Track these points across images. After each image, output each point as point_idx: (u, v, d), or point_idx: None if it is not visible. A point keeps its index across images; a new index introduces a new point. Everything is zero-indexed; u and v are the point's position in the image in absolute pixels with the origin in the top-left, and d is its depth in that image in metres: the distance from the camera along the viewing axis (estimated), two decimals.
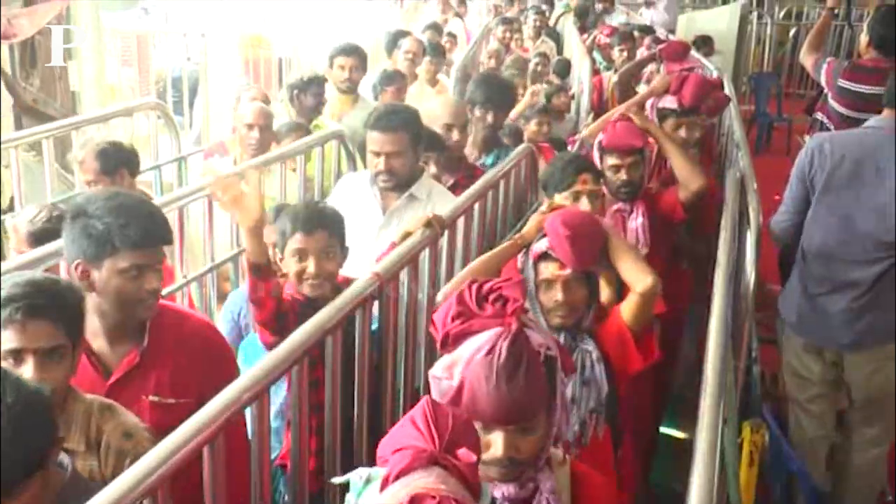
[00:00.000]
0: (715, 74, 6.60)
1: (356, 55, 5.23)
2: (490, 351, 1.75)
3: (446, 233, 3.18)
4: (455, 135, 4.03)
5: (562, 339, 2.53)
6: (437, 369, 1.81)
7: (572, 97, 7.43)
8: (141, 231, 2.26)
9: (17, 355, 1.94)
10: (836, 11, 5.30)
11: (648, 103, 4.54)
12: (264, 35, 11.09)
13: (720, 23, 11.26)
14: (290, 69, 9.84)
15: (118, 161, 3.72)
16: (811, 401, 3.76)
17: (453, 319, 1.92)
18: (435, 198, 3.49)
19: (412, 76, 6.20)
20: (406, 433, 1.55)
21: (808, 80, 10.87)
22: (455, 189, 3.78)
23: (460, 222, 3.35)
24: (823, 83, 4.79)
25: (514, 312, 1.91)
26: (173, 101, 8.03)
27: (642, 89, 5.49)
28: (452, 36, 8.37)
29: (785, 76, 12.67)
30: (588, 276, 2.62)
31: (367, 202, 3.53)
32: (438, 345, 1.89)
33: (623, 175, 3.61)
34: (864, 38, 4.69)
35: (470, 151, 4.36)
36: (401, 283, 2.83)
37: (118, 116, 4.80)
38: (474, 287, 1.99)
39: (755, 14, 13.04)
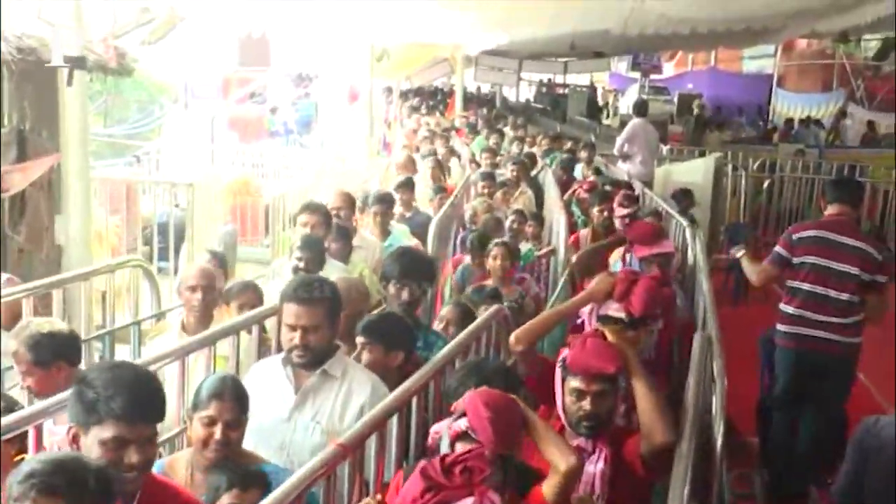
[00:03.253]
0: (686, 229, 6.72)
1: (319, 213, 5.10)
2: None
3: (415, 398, 3.21)
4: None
5: None
6: None
7: (553, 252, 7.53)
8: (126, 404, 2.29)
9: None
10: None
11: (587, 309, 3.77)
12: (251, 181, 11.38)
13: (696, 175, 11.60)
14: (277, 215, 10.02)
15: (54, 353, 3.41)
16: None
17: (424, 494, 2.07)
18: (351, 376, 3.29)
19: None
20: None
21: (784, 229, 11.12)
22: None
23: (431, 384, 3.39)
24: (782, 250, 5.15)
25: (484, 481, 2.08)
26: (159, 247, 8.17)
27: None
28: (443, 189, 8.42)
29: (761, 226, 13.00)
30: (504, 461, 2.45)
31: (278, 383, 3.29)
32: None
33: (587, 405, 2.98)
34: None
35: None
36: (367, 453, 2.82)
37: (100, 274, 4.90)
38: (437, 462, 2.15)
39: (730, 166, 13.45)
